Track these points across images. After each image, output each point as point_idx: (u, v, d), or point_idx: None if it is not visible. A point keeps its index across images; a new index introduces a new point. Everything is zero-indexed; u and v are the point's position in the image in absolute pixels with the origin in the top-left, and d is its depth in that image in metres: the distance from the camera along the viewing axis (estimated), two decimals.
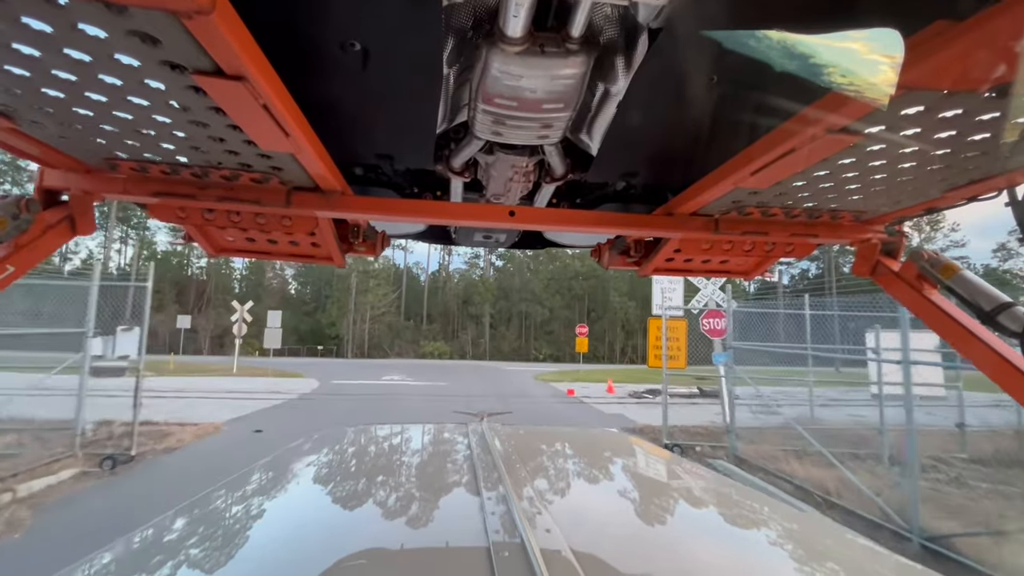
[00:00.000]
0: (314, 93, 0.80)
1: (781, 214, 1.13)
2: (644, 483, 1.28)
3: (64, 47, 0.54)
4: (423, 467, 1.31)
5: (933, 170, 0.85)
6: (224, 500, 1.10)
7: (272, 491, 1.17)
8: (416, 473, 1.24)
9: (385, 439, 1.61)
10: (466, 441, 1.43)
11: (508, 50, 0.73)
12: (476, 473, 1.10)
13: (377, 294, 50.05)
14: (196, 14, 0.46)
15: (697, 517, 1.06)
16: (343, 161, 1.04)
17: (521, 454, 1.30)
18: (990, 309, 0.99)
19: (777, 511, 1.12)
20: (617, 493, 1.17)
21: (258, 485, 1.18)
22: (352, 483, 1.17)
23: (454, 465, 1.25)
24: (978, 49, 0.52)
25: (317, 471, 1.29)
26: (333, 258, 1.43)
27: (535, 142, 1.03)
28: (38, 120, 0.75)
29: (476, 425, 1.66)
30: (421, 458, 1.41)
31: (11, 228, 0.94)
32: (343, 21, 0.70)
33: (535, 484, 1.05)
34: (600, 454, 1.51)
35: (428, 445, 1.52)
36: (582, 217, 1.25)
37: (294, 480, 1.24)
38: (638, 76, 0.80)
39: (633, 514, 1.01)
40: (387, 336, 50.00)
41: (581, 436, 1.73)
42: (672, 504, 1.12)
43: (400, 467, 1.32)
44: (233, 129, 0.75)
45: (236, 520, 0.99)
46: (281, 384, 17.14)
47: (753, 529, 1.01)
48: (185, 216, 1.16)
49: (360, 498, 1.03)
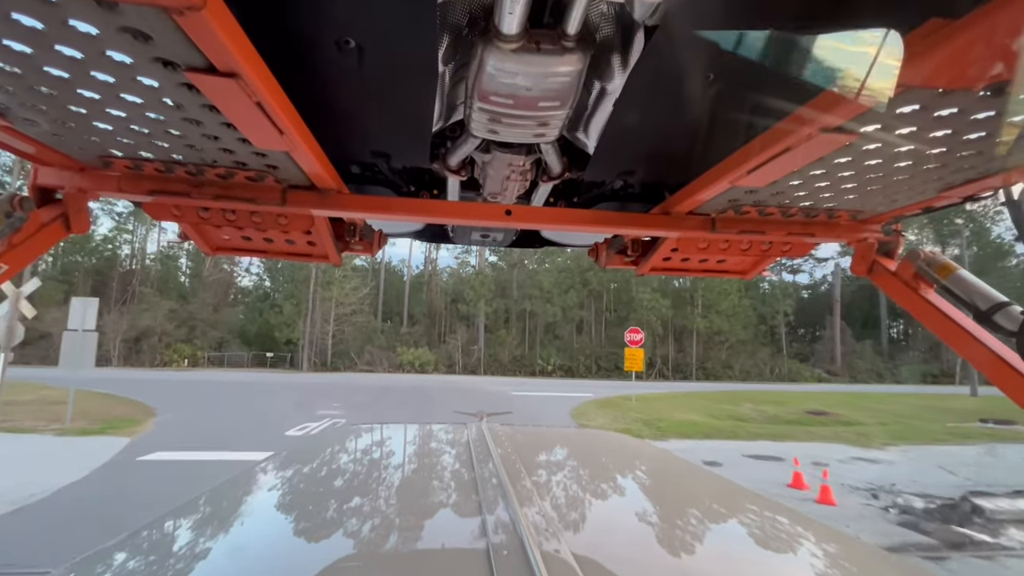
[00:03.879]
0: (309, 91, 0.79)
1: (778, 213, 1.14)
2: (643, 483, 1.27)
3: (56, 44, 0.53)
4: (422, 467, 1.29)
5: (929, 169, 0.85)
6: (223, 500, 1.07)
7: (271, 490, 1.15)
8: (415, 473, 1.24)
9: (385, 438, 1.59)
10: (465, 441, 1.41)
11: (504, 47, 0.71)
12: (475, 473, 1.09)
13: (344, 288, 39.66)
14: (187, 10, 0.46)
15: (696, 517, 1.02)
16: (339, 159, 1.04)
17: (520, 454, 1.28)
18: (986, 308, 0.98)
19: (777, 512, 1.09)
20: (616, 493, 1.15)
21: (257, 484, 1.17)
22: (351, 482, 1.16)
23: (453, 465, 1.23)
24: (973, 48, 0.52)
25: (317, 470, 1.27)
26: (329, 256, 1.44)
27: (531, 140, 1.01)
28: (31, 118, 0.74)
29: (475, 425, 1.65)
30: (420, 458, 1.38)
31: (5, 226, 0.93)
32: (338, 19, 0.69)
33: (534, 484, 1.03)
34: (599, 454, 1.50)
35: (427, 445, 1.48)
36: (579, 216, 1.24)
37: (293, 479, 1.21)
38: (634, 74, 0.78)
39: (632, 514, 1.00)
40: (357, 340, 39.61)
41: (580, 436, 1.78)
42: (672, 504, 1.10)
43: (399, 467, 1.31)
44: (227, 127, 0.74)
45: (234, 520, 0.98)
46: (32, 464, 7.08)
47: (752, 530, 0.99)
48: (181, 214, 1.15)
49: (359, 497, 1.02)
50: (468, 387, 22.83)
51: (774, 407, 17.67)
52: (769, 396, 21.32)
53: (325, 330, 39.06)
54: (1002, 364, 0.93)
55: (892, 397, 22.66)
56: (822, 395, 23.35)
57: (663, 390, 22.64)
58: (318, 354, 38.84)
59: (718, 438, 11.00)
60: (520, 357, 40.60)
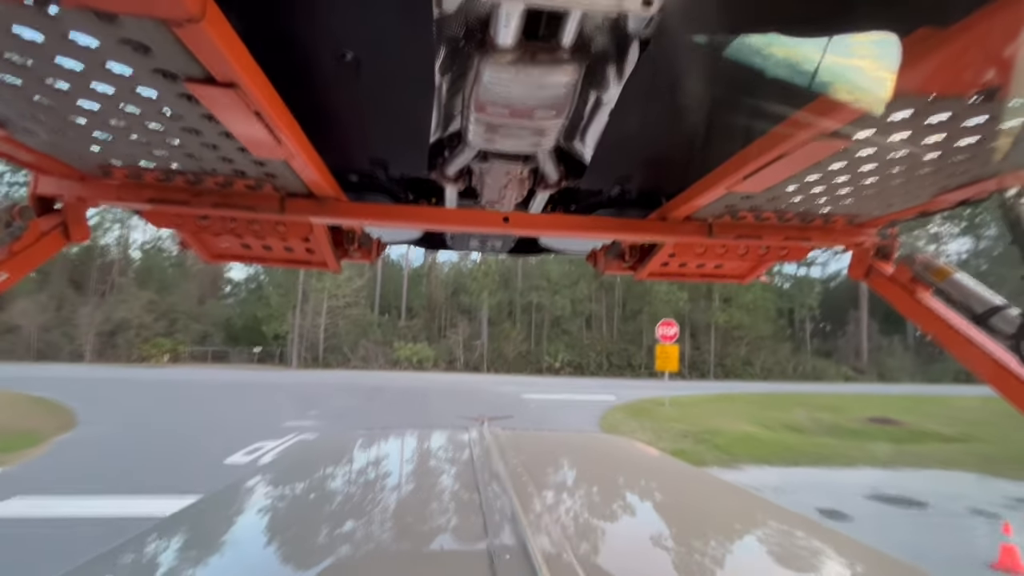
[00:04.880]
0: (308, 101, 0.79)
1: (774, 218, 1.14)
2: (646, 487, 1.26)
3: (56, 56, 0.54)
4: (424, 470, 1.29)
5: (924, 174, 0.86)
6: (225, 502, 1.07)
7: (274, 493, 1.15)
8: (417, 476, 1.23)
9: (387, 442, 1.59)
10: (467, 445, 1.41)
11: (500, 59, 0.72)
12: (477, 476, 1.09)
13: (337, 279, 37.02)
14: (186, 22, 0.46)
15: (699, 521, 1.02)
16: (338, 168, 1.04)
17: (522, 458, 1.28)
18: (982, 312, 0.98)
19: (779, 516, 1.09)
20: (619, 497, 1.14)
21: (260, 487, 1.16)
22: (353, 485, 1.16)
23: (455, 468, 1.23)
24: (964, 55, 0.53)
25: (319, 473, 1.27)
26: (328, 264, 1.46)
27: (528, 150, 1.02)
28: (31, 128, 0.74)
29: (477, 429, 1.64)
30: (422, 461, 1.38)
31: (4, 235, 0.93)
32: (336, 30, 0.69)
33: (536, 487, 1.03)
34: (601, 458, 1.50)
35: (429, 448, 1.49)
36: (576, 223, 1.24)
37: (295, 481, 1.21)
38: (629, 84, 0.78)
39: (635, 518, 0.99)
40: (351, 334, 36.99)
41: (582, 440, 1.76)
42: (674, 508, 1.09)
43: (401, 470, 1.30)
44: (226, 136, 0.75)
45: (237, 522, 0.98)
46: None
47: (755, 533, 0.98)
48: (180, 222, 1.16)
49: (361, 500, 1.02)
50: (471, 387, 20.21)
51: (829, 414, 14.99)
52: (812, 400, 18.62)
53: (317, 323, 36.44)
54: (999, 367, 0.94)
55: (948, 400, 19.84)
56: (868, 398, 20.65)
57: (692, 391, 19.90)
58: (309, 349, 36.22)
59: (803, 463, 8.34)
60: (526, 353, 37.90)
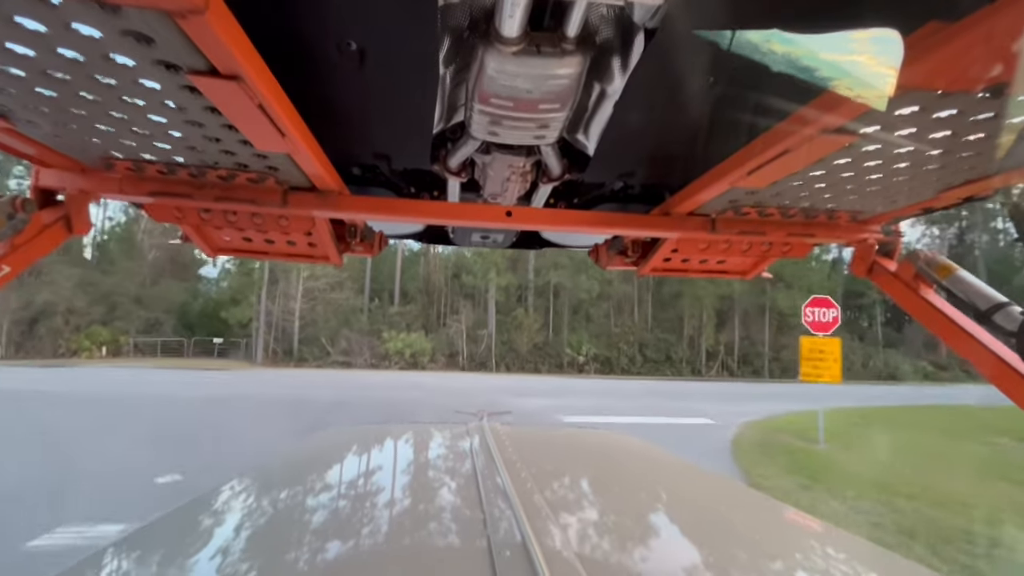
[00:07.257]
0: (310, 93, 0.80)
1: (778, 214, 1.15)
2: (647, 484, 1.25)
3: (58, 47, 0.54)
4: (423, 466, 1.28)
5: (929, 170, 0.86)
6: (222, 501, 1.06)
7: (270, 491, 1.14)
8: (416, 472, 1.23)
9: (384, 438, 1.56)
10: (466, 440, 1.40)
11: (504, 50, 0.71)
12: (476, 472, 1.08)
13: None
14: (190, 13, 0.46)
15: (701, 518, 1.01)
16: (340, 161, 1.04)
17: (521, 453, 1.26)
18: (985, 309, 0.99)
19: (782, 514, 1.10)
20: (620, 494, 1.13)
21: (256, 485, 1.16)
22: (351, 482, 1.16)
23: (454, 464, 1.23)
24: (972, 50, 0.53)
25: (316, 470, 1.26)
26: (330, 257, 1.45)
27: (531, 142, 1.02)
28: (33, 120, 0.75)
29: (476, 424, 1.63)
30: (421, 457, 1.35)
31: (7, 228, 0.93)
32: (339, 21, 0.70)
33: (536, 484, 1.01)
34: (602, 454, 1.49)
35: (428, 444, 1.46)
36: (579, 217, 1.26)
37: (292, 479, 1.19)
38: (634, 76, 0.79)
39: (636, 515, 0.99)
40: (332, 323, 30.67)
41: (582, 436, 1.74)
42: (676, 505, 1.10)
43: (399, 466, 1.30)
44: (229, 129, 0.75)
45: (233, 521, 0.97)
46: None
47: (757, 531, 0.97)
48: (182, 216, 1.16)
49: (359, 497, 1.02)
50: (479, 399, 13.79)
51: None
52: (976, 415, 12.06)
53: (291, 309, 30.12)
54: (1002, 364, 0.94)
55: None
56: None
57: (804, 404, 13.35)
58: (279, 341, 29.95)
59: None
60: (542, 345, 31.46)
